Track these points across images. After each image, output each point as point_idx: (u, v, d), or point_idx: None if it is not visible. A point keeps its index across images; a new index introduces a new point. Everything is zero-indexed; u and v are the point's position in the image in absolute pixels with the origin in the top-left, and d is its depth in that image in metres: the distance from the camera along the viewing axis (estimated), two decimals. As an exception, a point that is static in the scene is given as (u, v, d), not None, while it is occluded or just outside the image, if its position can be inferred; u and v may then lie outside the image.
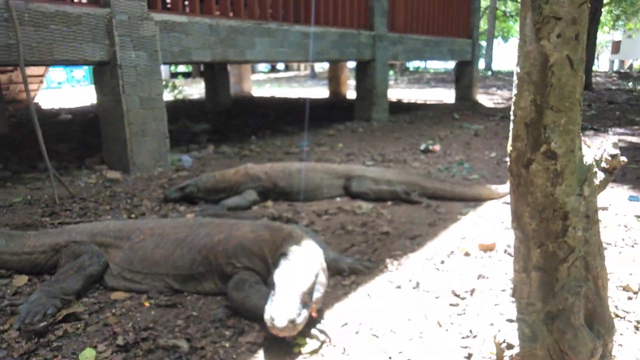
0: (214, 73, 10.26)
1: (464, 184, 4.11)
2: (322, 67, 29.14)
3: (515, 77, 1.27)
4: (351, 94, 11.63)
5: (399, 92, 15.26)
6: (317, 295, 1.96)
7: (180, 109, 10.50)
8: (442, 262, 2.69)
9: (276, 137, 6.99)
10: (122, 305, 2.26)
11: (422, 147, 6.07)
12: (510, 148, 1.31)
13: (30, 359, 1.84)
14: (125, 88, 4.58)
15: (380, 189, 3.95)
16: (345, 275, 2.53)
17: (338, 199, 4.02)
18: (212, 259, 2.34)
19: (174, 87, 13.09)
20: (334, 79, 13.41)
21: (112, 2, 4.44)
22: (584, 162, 1.26)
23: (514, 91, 1.28)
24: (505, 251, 2.76)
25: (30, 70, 10.67)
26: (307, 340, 1.90)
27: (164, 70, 23.36)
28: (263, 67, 32.38)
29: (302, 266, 1.98)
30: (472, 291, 2.30)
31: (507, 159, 1.34)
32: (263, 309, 1.84)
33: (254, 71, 28.74)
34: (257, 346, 1.90)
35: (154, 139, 4.89)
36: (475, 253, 2.78)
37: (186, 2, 6.43)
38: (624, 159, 1.32)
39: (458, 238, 3.04)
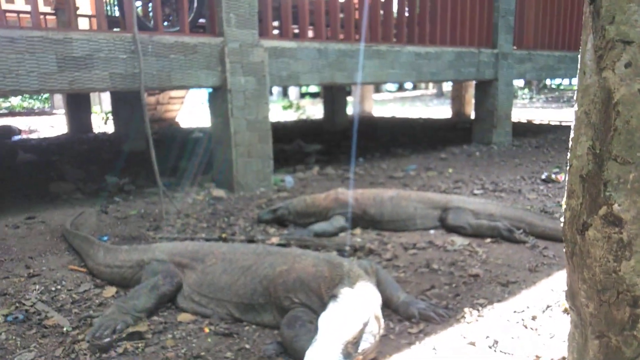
0: (332, 94, 10.46)
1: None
2: (450, 85, 28.19)
3: (573, 118, 1.00)
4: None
5: (531, 112, 14.06)
6: (364, 345, 1.79)
7: (299, 129, 10.87)
8: (534, 318, 2.31)
9: (384, 160, 6.83)
10: (184, 329, 2.31)
11: (544, 176, 5.44)
12: (565, 206, 1.03)
13: (90, 373, 1.95)
14: (233, 111, 4.83)
15: (479, 224, 3.58)
16: (414, 322, 2.29)
17: (432, 232, 3.73)
18: (272, 290, 2.28)
19: (298, 107, 13.64)
20: (457, 99, 12.83)
21: (226, 31, 4.73)
22: None
23: (571, 134, 1.01)
24: (617, 313, 2.28)
25: (173, 92, 11.94)
26: (348, 395, 1.72)
27: (294, 91, 24.57)
28: (391, 86, 32.39)
29: (350, 312, 1.82)
30: (561, 361, 1.92)
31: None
32: (306, 353, 1.72)
33: (379, 90, 28.86)
34: (296, 393, 1.79)
35: (259, 160, 5.07)
36: (578, 311, 2.34)
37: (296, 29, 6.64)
38: None
39: (560, 290, 2.60)
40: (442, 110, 15.58)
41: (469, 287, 2.69)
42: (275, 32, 6.30)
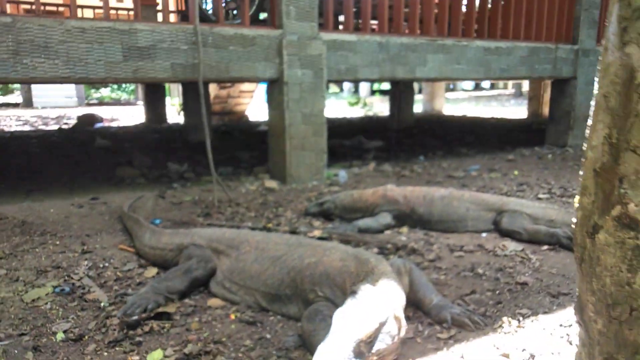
0: (399, 91, 10.24)
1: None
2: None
3: (592, 102, 0.86)
4: (552, 115, 10.29)
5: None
6: (379, 346, 1.69)
7: (363, 125, 10.75)
8: (581, 334, 2.08)
9: (446, 159, 6.57)
10: (212, 313, 2.33)
11: (621, 183, 4.96)
12: (577, 204, 0.88)
13: (115, 347, 2.01)
14: (289, 104, 4.84)
15: (536, 230, 3.32)
16: (445, 327, 2.16)
17: (484, 235, 3.52)
18: (299, 282, 2.24)
19: (365, 104, 13.51)
20: (534, 98, 12.10)
21: (285, 24, 4.75)
22: None
23: (589, 121, 0.86)
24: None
25: (244, 86, 12.27)
26: (357, 396, 1.64)
27: (365, 88, 24.40)
28: (467, 85, 31.22)
29: (366, 311, 1.73)
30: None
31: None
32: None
33: (454, 89, 27.94)
34: (306, 388, 1.73)
35: (312, 153, 5.05)
36: (635, 332, 2.08)
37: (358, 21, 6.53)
38: None
39: (618, 307, 2.33)
40: (518, 111, 14.77)
41: (514, 296, 2.49)
42: (337, 27, 6.24)
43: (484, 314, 2.27)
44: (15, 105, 17.42)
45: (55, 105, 16.23)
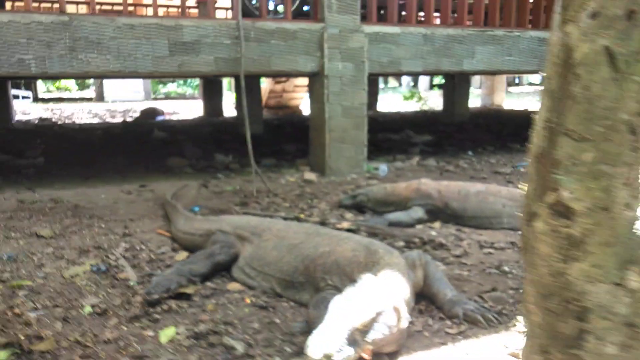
0: (453, 84, 9.97)
1: None
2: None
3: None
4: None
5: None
6: (375, 335, 1.70)
7: (415, 120, 10.58)
8: (602, 338, 1.97)
9: (495, 154, 6.35)
10: (230, 297, 2.42)
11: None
12: (525, 193, 0.85)
13: (134, 322, 2.15)
14: (329, 97, 4.87)
15: (576, 228, 3.15)
16: (456, 322, 2.11)
17: (520, 233, 3.38)
18: (312, 270, 2.28)
19: (420, 98, 13.27)
20: (603, 93, 11.35)
21: (327, 17, 4.78)
22: (636, 232, 0.71)
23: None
24: None
25: (298, 81, 12.42)
26: (349, 382, 1.66)
27: (425, 82, 23.90)
28: (535, 78, 29.77)
29: (364, 299, 1.74)
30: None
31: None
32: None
33: (519, 83, 26.75)
34: (303, 372, 1.77)
35: (352, 146, 5.06)
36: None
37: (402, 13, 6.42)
38: None
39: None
40: (586, 106, 13.90)
41: (538, 295, 2.39)
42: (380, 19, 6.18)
43: (500, 312, 2.21)
44: (89, 99, 18.68)
45: (125, 100, 17.23)
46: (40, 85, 22.38)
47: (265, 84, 13.86)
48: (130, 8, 7.15)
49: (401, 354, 1.88)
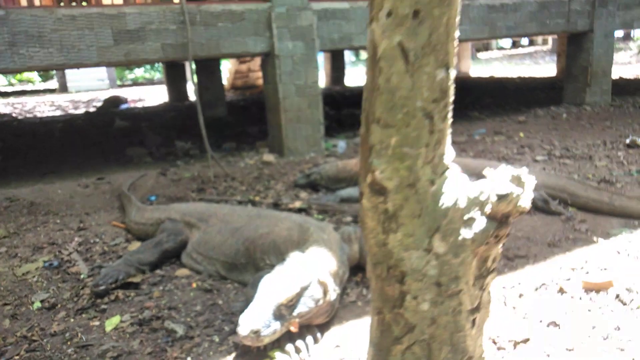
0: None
1: (632, 196, 3.10)
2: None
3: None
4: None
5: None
6: (301, 309, 1.80)
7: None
8: (520, 295, 2.12)
9: (454, 124, 6.43)
10: (177, 283, 2.50)
11: (628, 140, 4.79)
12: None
13: (82, 314, 2.22)
14: (282, 77, 4.90)
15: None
16: (389, 290, 2.24)
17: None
18: (252, 251, 2.37)
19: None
20: (562, 55, 11.53)
21: (274, -4, 4.76)
22: (439, 204, 0.81)
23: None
24: (618, 296, 2.01)
25: (262, 60, 12.30)
26: (278, 353, 1.78)
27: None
28: (505, 42, 29.92)
29: (289, 275, 1.84)
30: (518, 343, 1.76)
31: None
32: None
33: (490, 48, 26.86)
34: (238, 349, 1.87)
35: (309, 125, 5.11)
36: (575, 292, 2.10)
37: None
38: (523, 203, 0.80)
39: (568, 268, 2.34)
40: (550, 69, 14.15)
41: (470, 259, 2.53)
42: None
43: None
44: (53, 90, 18.20)
45: (88, 89, 16.84)
46: (1, 78, 21.68)
47: (231, 64, 13.72)
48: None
49: (333, 324, 1.99)
